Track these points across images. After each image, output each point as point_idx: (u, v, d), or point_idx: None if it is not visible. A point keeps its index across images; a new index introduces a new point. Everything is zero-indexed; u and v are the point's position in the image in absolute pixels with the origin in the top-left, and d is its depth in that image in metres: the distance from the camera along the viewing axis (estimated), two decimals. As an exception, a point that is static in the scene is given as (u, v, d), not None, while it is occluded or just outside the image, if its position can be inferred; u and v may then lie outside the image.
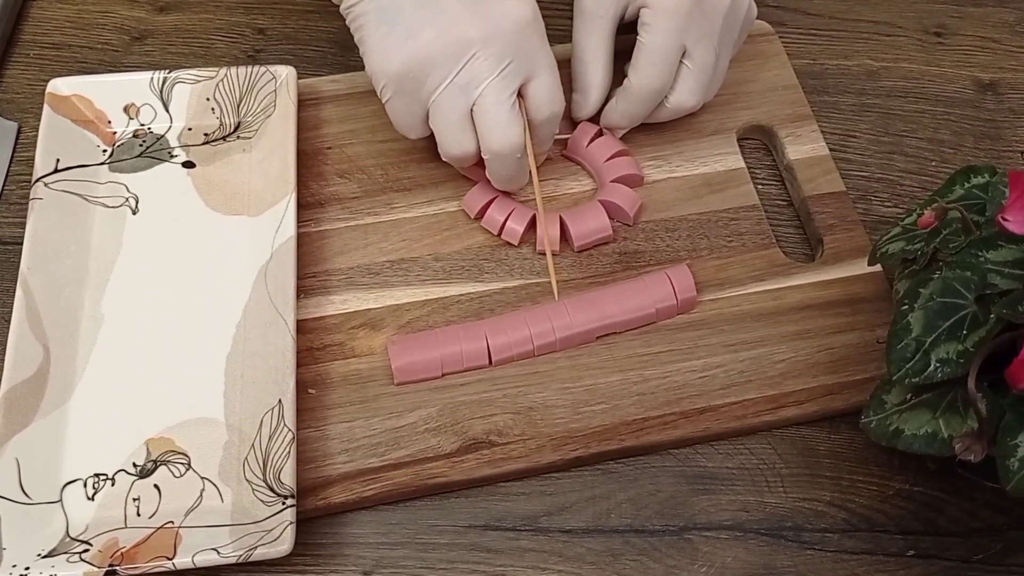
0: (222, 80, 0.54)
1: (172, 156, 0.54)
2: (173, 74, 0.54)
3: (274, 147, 0.53)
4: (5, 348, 0.46)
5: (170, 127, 0.54)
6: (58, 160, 0.51)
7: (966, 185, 0.44)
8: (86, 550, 0.42)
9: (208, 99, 0.54)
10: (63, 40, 0.60)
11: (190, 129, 0.54)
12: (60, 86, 0.53)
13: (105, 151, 0.53)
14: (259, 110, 0.54)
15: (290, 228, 0.49)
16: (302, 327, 0.49)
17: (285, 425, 0.44)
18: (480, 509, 0.46)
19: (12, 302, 0.47)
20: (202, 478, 0.44)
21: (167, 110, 0.54)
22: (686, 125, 0.56)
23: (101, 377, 0.47)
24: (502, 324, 0.48)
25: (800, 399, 0.48)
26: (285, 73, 0.54)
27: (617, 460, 0.47)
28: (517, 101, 0.48)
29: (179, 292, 0.49)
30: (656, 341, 0.49)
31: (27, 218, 0.49)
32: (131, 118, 0.54)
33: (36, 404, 0.45)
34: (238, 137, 0.54)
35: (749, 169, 0.55)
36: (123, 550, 0.41)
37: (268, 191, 0.51)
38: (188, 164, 0.53)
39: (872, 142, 0.58)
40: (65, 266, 0.49)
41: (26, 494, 0.43)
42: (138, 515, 0.43)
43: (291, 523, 0.41)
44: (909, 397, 0.41)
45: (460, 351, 0.47)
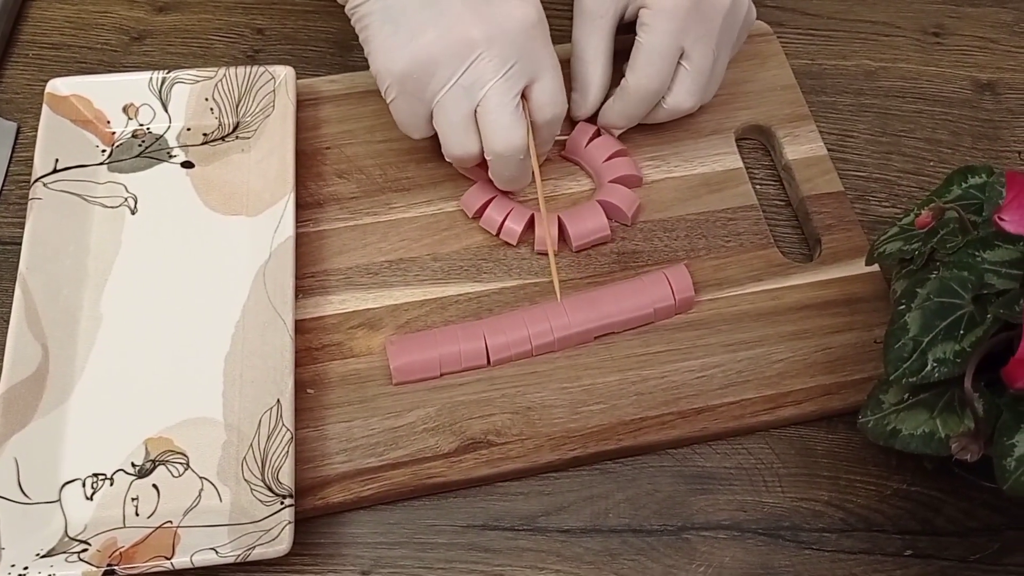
0: (221, 80, 0.54)
1: (171, 156, 0.54)
2: (172, 74, 0.54)
3: (273, 147, 0.53)
4: (4, 348, 0.46)
5: (169, 127, 0.54)
6: (57, 160, 0.51)
7: (963, 185, 0.44)
8: (85, 550, 0.42)
9: (207, 99, 0.54)
10: (62, 40, 0.60)
11: (189, 129, 0.54)
12: (59, 86, 0.53)
13: (104, 151, 0.53)
14: (258, 110, 0.54)
15: (289, 228, 0.49)
16: (300, 327, 0.49)
17: (284, 425, 0.44)
18: (478, 509, 0.46)
19: (11, 302, 0.47)
20: (201, 478, 0.45)
21: (166, 110, 0.54)
22: (684, 125, 0.56)
23: (100, 377, 0.47)
24: (500, 324, 0.48)
25: (798, 399, 0.48)
26: (284, 73, 0.54)
27: (615, 460, 0.47)
28: (521, 103, 0.48)
29: (178, 292, 0.49)
30: (654, 341, 0.49)
31: (26, 218, 0.49)
32: (130, 118, 0.54)
33: (35, 404, 0.45)
34: (237, 137, 0.54)
35: (747, 169, 0.56)
36: (122, 550, 0.41)
37: (267, 191, 0.52)
38: (187, 164, 0.53)
39: (870, 142, 0.58)
40: (64, 266, 0.49)
41: (25, 494, 0.43)
42: (137, 515, 0.43)
43: (289, 523, 0.42)
44: (906, 397, 0.41)
45: (458, 351, 0.47)
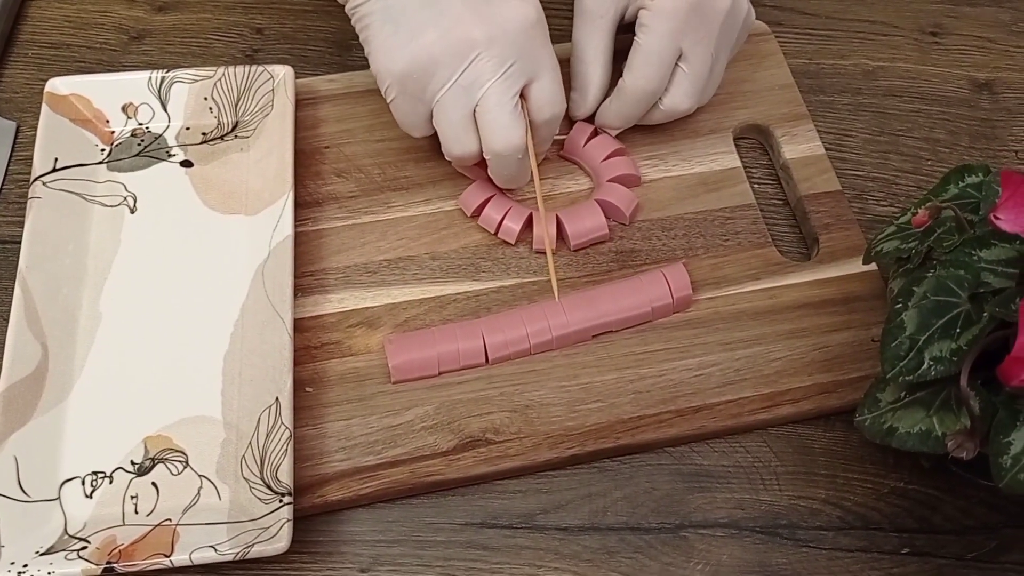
0: (220, 79, 0.54)
1: (170, 155, 0.54)
2: (171, 73, 0.54)
3: (272, 146, 0.53)
4: (3, 346, 0.46)
5: (168, 126, 0.54)
6: (56, 159, 0.51)
7: (960, 184, 0.44)
8: (84, 547, 0.42)
9: (206, 98, 0.54)
10: (61, 40, 0.60)
11: (188, 128, 0.54)
12: (58, 85, 0.53)
13: (103, 150, 0.53)
14: (257, 109, 0.54)
15: (287, 227, 0.49)
16: (299, 326, 0.49)
17: (282, 423, 0.44)
18: (476, 507, 0.46)
19: (11, 300, 0.47)
20: (200, 476, 0.45)
21: (165, 109, 0.54)
22: (682, 125, 0.56)
23: (99, 375, 0.47)
24: (499, 323, 0.48)
25: (795, 397, 0.48)
26: (283, 72, 0.54)
27: (613, 458, 0.47)
28: (519, 102, 0.48)
29: (177, 291, 0.49)
30: (652, 339, 0.49)
31: (25, 217, 0.49)
32: (129, 117, 0.54)
33: (34, 402, 0.45)
34: (236, 136, 0.54)
35: (745, 168, 0.56)
36: (121, 547, 0.42)
37: (266, 190, 0.52)
38: (186, 163, 0.53)
39: (868, 141, 0.58)
40: (63, 265, 0.49)
41: (24, 492, 0.43)
42: (136, 513, 0.43)
43: (288, 520, 0.42)
44: (903, 395, 0.41)
45: (457, 349, 0.48)
